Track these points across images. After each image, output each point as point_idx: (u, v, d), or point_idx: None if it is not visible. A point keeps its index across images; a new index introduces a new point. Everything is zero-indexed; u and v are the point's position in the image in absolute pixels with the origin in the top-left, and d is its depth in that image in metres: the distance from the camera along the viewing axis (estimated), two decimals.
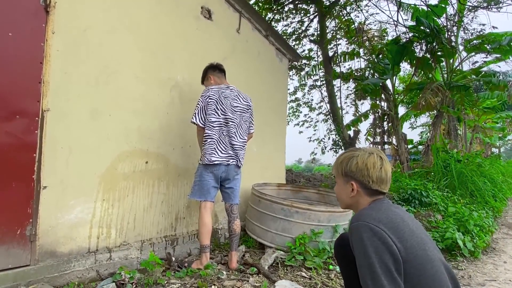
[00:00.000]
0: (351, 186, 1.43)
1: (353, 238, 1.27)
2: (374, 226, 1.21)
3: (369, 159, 1.39)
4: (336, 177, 1.52)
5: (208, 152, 2.75)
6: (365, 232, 1.21)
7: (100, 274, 2.43)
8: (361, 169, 1.39)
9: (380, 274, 1.14)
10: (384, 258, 1.16)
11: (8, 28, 2.09)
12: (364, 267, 1.19)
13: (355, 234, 1.25)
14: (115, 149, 2.67)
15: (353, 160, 1.41)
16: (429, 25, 7.01)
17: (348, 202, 1.48)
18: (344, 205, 1.53)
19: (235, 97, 2.94)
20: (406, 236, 1.21)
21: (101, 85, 2.57)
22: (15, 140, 2.12)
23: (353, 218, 1.32)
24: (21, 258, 2.14)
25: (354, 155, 1.43)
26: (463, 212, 4.35)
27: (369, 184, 1.38)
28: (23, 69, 2.16)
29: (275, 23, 10.75)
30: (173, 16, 3.21)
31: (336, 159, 1.54)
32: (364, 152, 1.42)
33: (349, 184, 1.43)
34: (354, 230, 1.26)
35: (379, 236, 1.19)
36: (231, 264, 2.83)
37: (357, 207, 1.45)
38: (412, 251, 1.19)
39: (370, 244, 1.18)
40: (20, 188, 2.14)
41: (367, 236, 1.20)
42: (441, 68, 8.79)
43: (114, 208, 2.64)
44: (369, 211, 1.32)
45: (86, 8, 2.48)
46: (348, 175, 1.43)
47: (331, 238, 3.18)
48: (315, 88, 11.87)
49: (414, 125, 18.59)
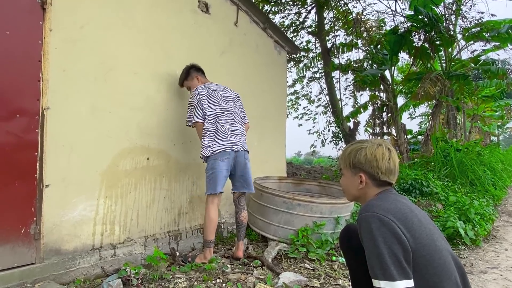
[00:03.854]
0: (359, 178, 1.41)
1: (362, 229, 1.26)
2: (383, 216, 1.21)
3: (378, 150, 1.39)
4: (343, 169, 1.50)
5: (208, 144, 2.78)
6: (374, 222, 1.21)
7: (105, 270, 2.45)
8: (370, 160, 1.38)
9: (390, 264, 1.14)
10: (393, 248, 1.16)
11: (5, 26, 2.07)
12: (374, 257, 1.19)
13: (364, 224, 1.24)
14: (116, 146, 2.67)
15: (362, 152, 1.40)
16: (427, 14, 6.96)
17: (356, 194, 1.47)
18: (351, 197, 1.52)
19: (223, 89, 3.05)
20: (414, 226, 1.21)
21: (99, 81, 2.56)
22: (16, 139, 2.11)
23: (362, 209, 1.31)
24: (26, 256, 2.15)
25: (362, 147, 1.42)
26: (464, 201, 4.37)
27: (378, 175, 1.38)
28: (21, 68, 2.15)
29: (272, 15, 10.68)
30: (170, 10, 3.18)
31: (343, 151, 1.52)
32: (372, 143, 1.42)
33: (357, 176, 1.42)
34: (363, 220, 1.26)
35: (388, 226, 1.19)
36: (238, 253, 2.84)
37: (365, 198, 1.44)
38: (420, 241, 1.19)
39: (380, 234, 1.18)
40: (23, 187, 2.14)
41: (376, 226, 1.20)
42: (440, 58, 8.76)
43: (117, 205, 2.65)
44: (377, 201, 1.31)
45: (82, 4, 2.46)
46: (357, 166, 1.42)
47: (333, 230, 3.20)
48: (314, 80, 11.83)
49: (413, 115, 18.61)
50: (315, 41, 10.81)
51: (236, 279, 2.42)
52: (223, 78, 3.70)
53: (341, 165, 1.52)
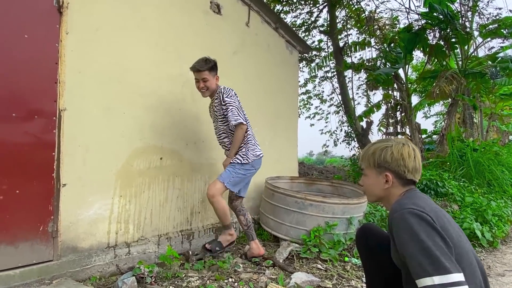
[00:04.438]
0: (385, 177, 1.38)
1: (400, 228, 1.19)
2: (420, 212, 1.17)
3: (404, 149, 1.36)
4: (366, 169, 1.45)
5: (251, 148, 2.83)
6: (413, 218, 1.16)
7: (120, 268, 2.49)
8: (397, 159, 1.35)
9: (440, 256, 1.07)
10: (437, 241, 1.11)
11: (23, 30, 2.13)
12: (419, 254, 1.11)
13: (402, 222, 1.18)
14: (130, 146, 2.71)
15: (388, 151, 1.37)
16: (442, 11, 6.82)
17: (380, 194, 1.42)
18: (374, 198, 1.47)
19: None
20: (446, 224, 1.18)
21: (114, 82, 2.61)
22: (34, 140, 2.17)
23: (394, 208, 1.27)
24: (45, 253, 2.21)
25: (387, 145, 1.39)
26: (481, 202, 4.27)
27: (405, 174, 1.35)
28: (39, 70, 2.21)
29: (284, 15, 10.64)
30: (183, 11, 3.22)
31: (365, 151, 1.47)
32: (397, 142, 1.39)
33: (382, 175, 1.39)
34: (399, 219, 1.20)
35: (427, 220, 1.15)
36: (260, 251, 2.86)
37: (389, 199, 1.40)
38: (451, 239, 1.15)
39: (421, 230, 1.13)
40: (41, 186, 2.20)
41: (415, 222, 1.15)
42: (456, 55, 8.56)
43: (131, 204, 2.70)
44: (407, 200, 1.28)
45: (97, 7, 2.51)
46: (382, 166, 1.38)
47: (346, 230, 3.18)
48: (326, 80, 11.73)
49: (428, 115, 18.23)
50: (327, 40, 10.72)
51: (248, 279, 2.42)
52: (235, 78, 3.72)
53: (363, 165, 1.47)
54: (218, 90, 2.84)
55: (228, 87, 2.84)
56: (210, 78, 2.76)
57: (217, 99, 2.83)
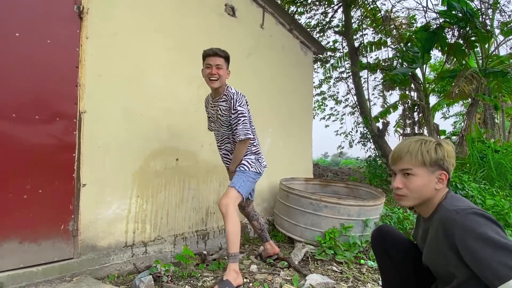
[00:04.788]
0: (438, 176, 1.28)
1: (465, 231, 1.11)
2: (483, 212, 1.12)
3: (450, 146, 1.30)
4: (415, 168, 1.28)
5: (260, 159, 2.60)
6: (479, 218, 1.10)
7: (137, 267, 2.55)
8: (451, 157, 1.27)
9: None
10: (509, 239, 1.05)
11: (46, 35, 2.21)
12: (496, 253, 1.02)
13: (468, 224, 1.10)
14: (147, 147, 2.77)
15: (442, 148, 1.28)
16: (461, 9, 6.65)
17: (429, 195, 1.30)
18: (419, 200, 1.31)
19: None
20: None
21: (132, 85, 2.67)
22: (56, 141, 2.25)
23: (450, 212, 1.18)
24: (65, 251, 2.28)
25: (440, 142, 1.30)
26: (503, 205, 4.14)
27: (451, 172, 1.30)
28: (61, 74, 2.28)
29: (298, 16, 10.61)
30: (198, 15, 3.26)
31: (415, 148, 1.29)
32: (440, 139, 1.33)
33: (435, 174, 1.28)
34: (464, 221, 1.11)
35: (492, 219, 1.10)
36: (275, 250, 2.85)
37: (433, 201, 1.31)
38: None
39: (491, 229, 1.07)
40: (62, 186, 2.28)
41: (482, 222, 1.09)
42: (476, 54, 8.33)
43: (148, 204, 2.75)
44: (459, 201, 1.22)
45: (116, 12, 2.58)
46: (438, 164, 1.27)
47: (361, 233, 3.14)
48: (341, 81, 11.63)
49: (446, 115, 17.79)
50: (342, 40, 10.63)
51: (263, 280, 2.43)
52: (250, 80, 3.75)
53: (409, 165, 1.29)
54: (227, 90, 2.48)
55: (239, 92, 2.50)
56: (224, 68, 2.45)
57: (224, 102, 2.47)
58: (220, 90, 2.49)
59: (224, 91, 2.49)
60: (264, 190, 3.93)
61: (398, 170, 1.34)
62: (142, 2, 2.77)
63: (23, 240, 2.11)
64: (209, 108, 2.68)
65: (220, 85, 2.45)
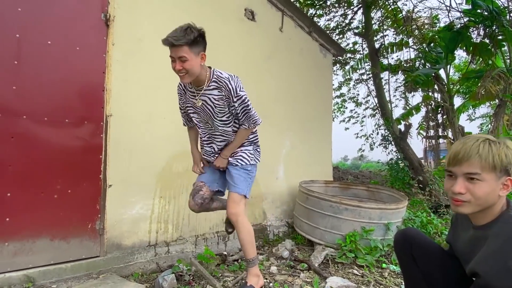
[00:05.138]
0: (504, 182, 1.18)
1: None
2: None
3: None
4: (484, 173, 1.16)
5: (258, 148, 2.37)
6: None
7: (159, 266, 2.61)
8: None
9: None
10: None
11: (75, 43, 2.33)
12: None
13: None
14: (170, 150, 2.84)
15: (510, 151, 1.19)
16: (487, 7, 6.44)
17: (493, 201, 1.20)
18: (480, 207, 1.20)
19: None
20: None
21: (155, 90, 2.76)
22: (84, 144, 2.36)
23: None
24: (92, 249, 2.38)
25: (508, 144, 1.21)
26: None
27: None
28: (89, 79, 2.40)
29: (317, 18, 10.58)
30: (219, 20, 3.33)
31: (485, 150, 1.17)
32: (508, 140, 1.26)
33: (501, 180, 1.17)
34: None
35: None
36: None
37: (494, 209, 1.21)
38: None
39: None
40: (90, 187, 2.38)
41: None
42: (503, 53, 8.03)
43: (170, 205, 2.82)
44: None
45: (140, 19, 2.68)
46: (506, 169, 1.17)
47: (383, 236, 3.09)
48: (361, 82, 11.48)
49: (472, 117, 17.18)
50: (362, 42, 10.50)
51: (283, 281, 2.44)
52: (268, 82, 3.77)
53: (479, 168, 1.17)
54: (215, 75, 2.07)
55: (232, 74, 2.09)
56: (191, 57, 1.93)
57: (216, 89, 2.05)
58: (201, 78, 2.04)
59: (211, 77, 2.06)
60: (283, 192, 3.93)
61: (461, 173, 1.19)
62: (164, 9, 2.86)
63: (53, 237, 2.21)
64: (187, 97, 2.17)
65: (193, 77, 2.00)
